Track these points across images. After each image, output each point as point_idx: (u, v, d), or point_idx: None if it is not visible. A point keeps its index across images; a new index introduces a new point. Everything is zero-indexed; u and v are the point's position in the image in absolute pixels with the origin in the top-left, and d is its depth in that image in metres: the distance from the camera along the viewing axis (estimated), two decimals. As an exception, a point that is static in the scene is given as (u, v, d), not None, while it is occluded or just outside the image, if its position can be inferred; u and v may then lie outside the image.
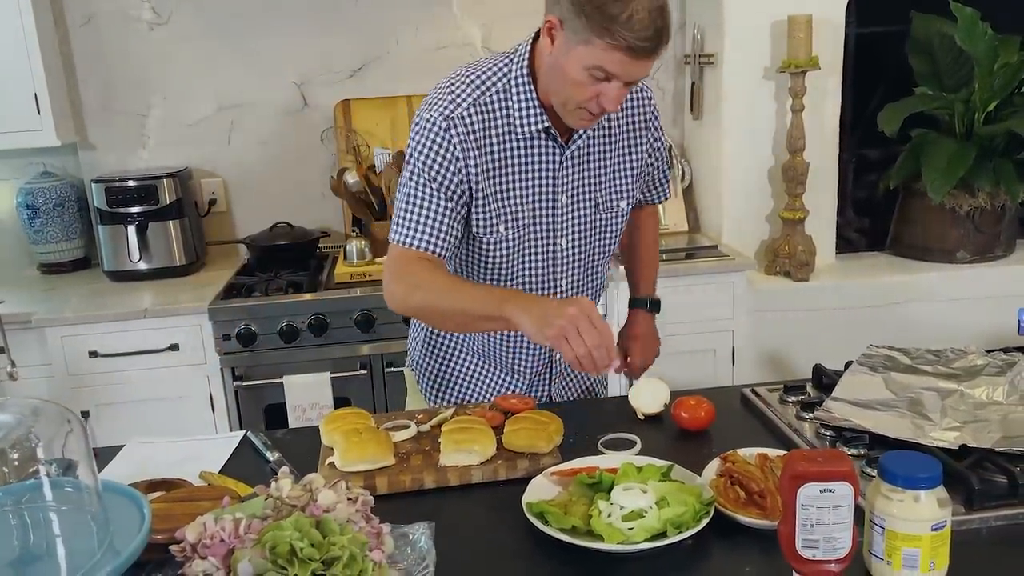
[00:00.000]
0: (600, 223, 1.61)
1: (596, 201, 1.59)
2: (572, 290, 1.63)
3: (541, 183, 1.53)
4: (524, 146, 1.51)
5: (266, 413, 2.61)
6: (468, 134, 1.46)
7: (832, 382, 1.56)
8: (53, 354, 2.51)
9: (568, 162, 1.54)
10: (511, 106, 1.48)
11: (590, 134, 1.55)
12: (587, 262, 1.64)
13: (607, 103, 1.37)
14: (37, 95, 2.70)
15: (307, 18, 2.98)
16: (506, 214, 1.53)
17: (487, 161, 1.49)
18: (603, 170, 1.58)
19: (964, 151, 2.66)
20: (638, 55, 1.30)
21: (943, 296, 2.82)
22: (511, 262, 1.57)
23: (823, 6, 2.71)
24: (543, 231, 1.57)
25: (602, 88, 1.35)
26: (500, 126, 1.48)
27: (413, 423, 1.50)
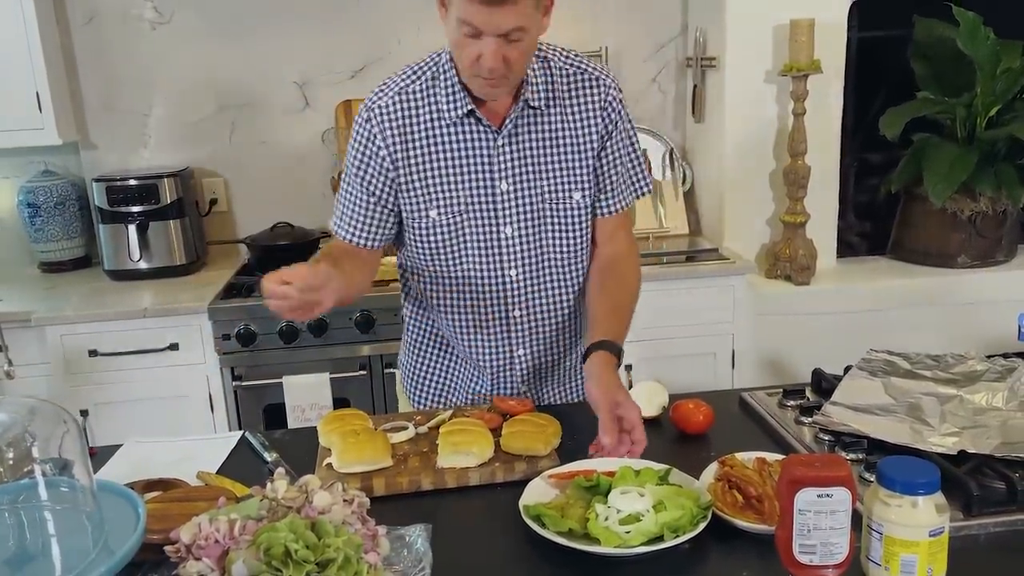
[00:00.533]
0: (550, 214, 1.57)
1: (542, 190, 1.55)
2: (522, 281, 1.60)
3: (475, 168, 1.53)
4: (453, 131, 1.52)
5: (265, 413, 2.61)
6: (389, 123, 1.50)
7: (831, 386, 1.55)
8: (53, 352, 2.51)
9: (504, 147, 1.52)
10: (438, 92, 1.51)
11: (528, 119, 1.53)
12: (538, 254, 1.59)
13: (487, 60, 1.36)
14: (39, 93, 2.71)
15: (309, 18, 2.98)
16: (437, 199, 1.54)
17: (413, 147, 1.51)
18: (549, 158, 1.55)
19: (966, 156, 2.66)
20: (489, 2, 1.31)
21: (944, 301, 2.81)
22: (451, 248, 1.57)
23: (825, 10, 2.70)
24: (483, 217, 1.55)
25: (480, 47, 1.36)
26: (426, 113, 1.51)
27: (411, 425, 1.50)
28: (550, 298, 1.63)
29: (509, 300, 1.61)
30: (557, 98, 1.54)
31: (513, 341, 1.65)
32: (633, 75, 3.14)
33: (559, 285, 1.64)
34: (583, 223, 1.60)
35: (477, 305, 1.62)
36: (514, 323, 1.63)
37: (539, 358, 1.68)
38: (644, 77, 3.15)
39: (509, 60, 1.38)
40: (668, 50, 3.14)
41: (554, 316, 1.65)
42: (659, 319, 2.67)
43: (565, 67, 1.56)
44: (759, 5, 2.74)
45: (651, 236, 3.01)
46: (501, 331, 1.64)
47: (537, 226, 1.57)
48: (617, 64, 3.12)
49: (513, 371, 1.68)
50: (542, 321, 1.65)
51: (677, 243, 3.00)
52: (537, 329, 1.65)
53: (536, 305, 1.63)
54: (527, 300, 1.62)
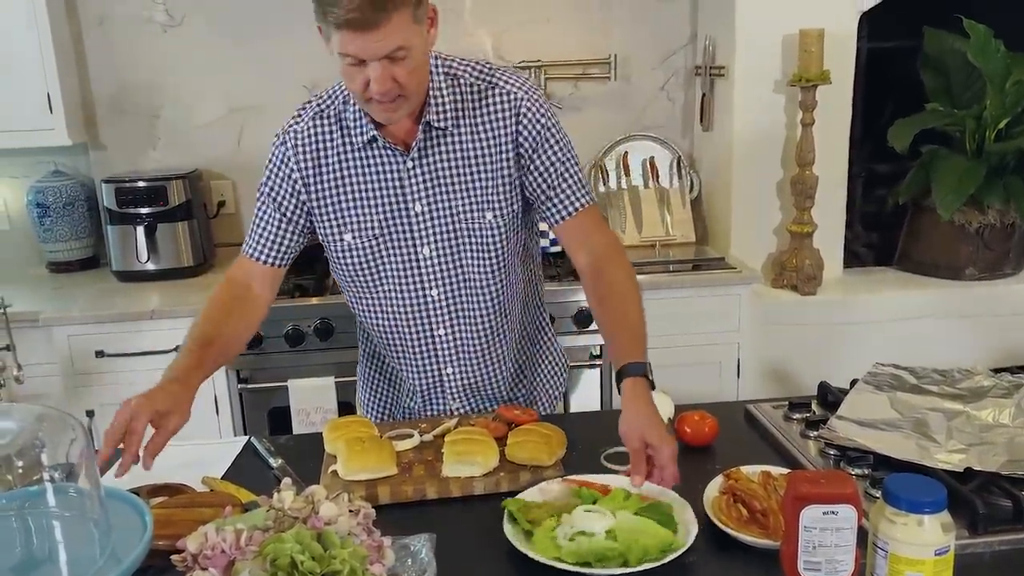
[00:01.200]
0: (466, 233, 1.55)
1: (456, 209, 1.53)
2: (444, 301, 1.59)
3: (387, 192, 1.52)
4: (363, 156, 1.51)
5: (270, 417, 2.62)
6: (301, 146, 1.52)
7: (837, 400, 1.55)
8: (60, 353, 2.52)
9: (415, 170, 1.51)
10: (347, 117, 1.51)
11: (436, 140, 1.50)
12: (457, 273, 1.58)
13: (375, 85, 1.33)
14: (50, 95, 2.72)
15: (319, 22, 2.98)
16: (350, 222, 1.54)
17: (325, 171, 1.52)
18: (460, 178, 1.52)
19: (974, 168, 2.65)
20: (358, 28, 1.28)
21: (951, 313, 2.80)
22: (369, 271, 1.57)
23: (835, 20, 2.70)
24: (400, 239, 1.55)
25: (366, 73, 1.33)
26: (338, 137, 1.52)
27: (416, 433, 1.51)
28: (473, 316, 1.62)
29: (433, 320, 1.61)
30: (465, 116, 1.50)
31: (440, 360, 1.65)
32: (642, 83, 3.15)
33: (481, 303, 1.61)
34: (497, 242, 1.56)
35: (401, 326, 1.62)
36: (440, 342, 1.63)
37: (469, 376, 1.67)
38: (653, 85, 3.15)
39: (399, 80, 1.35)
40: (677, 58, 3.14)
41: (479, 333, 1.63)
42: (664, 327, 2.66)
43: (476, 82, 1.51)
44: (768, 15, 2.74)
45: (657, 244, 3.01)
46: (427, 350, 1.64)
47: (455, 246, 1.56)
48: (626, 72, 3.12)
49: (443, 389, 1.68)
50: (467, 339, 1.63)
51: (684, 251, 3.00)
52: (463, 347, 1.64)
53: (460, 324, 1.62)
54: (450, 319, 1.61)
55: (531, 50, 3.05)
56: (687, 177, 3.13)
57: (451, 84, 1.49)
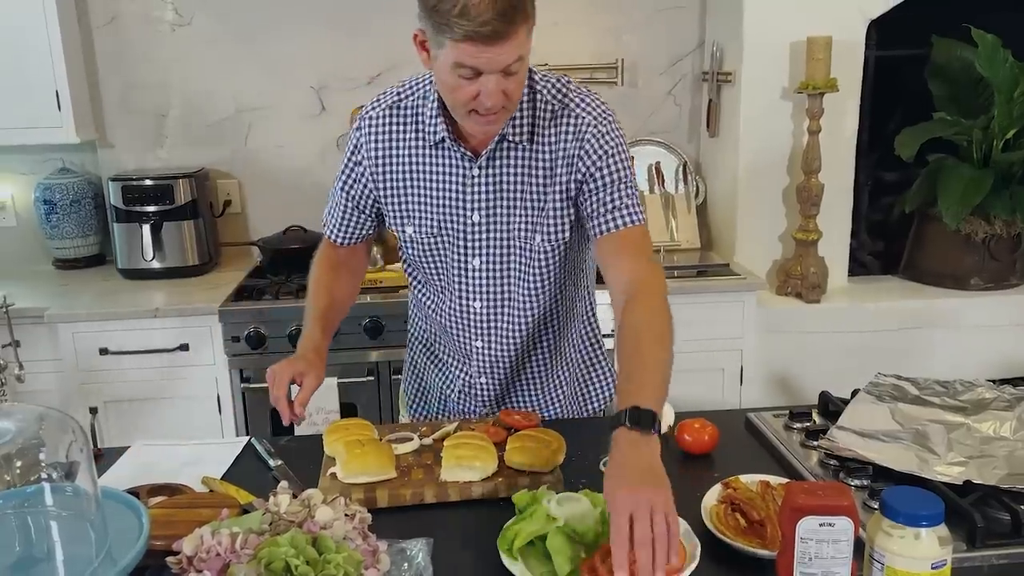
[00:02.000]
0: (515, 252, 1.53)
1: (510, 227, 1.51)
2: (485, 313, 1.59)
3: (449, 194, 1.51)
4: (434, 153, 1.50)
5: (272, 416, 2.62)
6: (376, 134, 1.52)
7: (838, 410, 1.55)
8: (64, 350, 2.53)
9: (480, 179, 1.49)
10: (424, 112, 1.49)
11: (507, 153, 1.47)
12: (501, 291, 1.57)
13: (488, 99, 1.31)
14: (58, 92, 2.73)
15: (327, 23, 2.99)
16: (412, 216, 1.55)
17: (395, 162, 1.53)
18: (519, 195, 1.49)
19: (981, 178, 2.64)
20: (487, 41, 1.25)
21: (956, 323, 2.80)
22: (426, 265, 1.60)
23: (843, 28, 2.70)
24: (454, 245, 1.54)
25: (479, 85, 1.31)
26: (411, 131, 1.51)
27: (416, 436, 1.51)
28: (510, 335, 1.62)
29: (472, 331, 1.62)
30: (537, 134, 1.47)
31: (475, 369, 1.67)
32: (649, 88, 3.14)
33: (520, 322, 1.61)
34: (543, 265, 1.55)
35: (447, 325, 1.64)
36: (476, 353, 1.64)
37: (499, 388, 1.69)
38: (660, 90, 3.15)
39: (508, 93, 1.33)
40: (684, 64, 3.14)
41: (514, 351, 1.64)
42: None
43: (551, 101, 1.48)
44: (776, 22, 2.73)
45: (662, 249, 3.01)
46: (464, 358, 1.67)
47: (503, 263, 1.55)
48: (633, 77, 3.12)
49: (475, 396, 1.70)
50: (502, 355, 1.64)
51: (688, 257, 3.00)
52: (497, 363, 1.65)
53: (497, 340, 1.63)
54: (488, 334, 1.62)
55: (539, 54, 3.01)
56: (693, 183, 3.13)
57: (530, 98, 1.47)
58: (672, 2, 3.08)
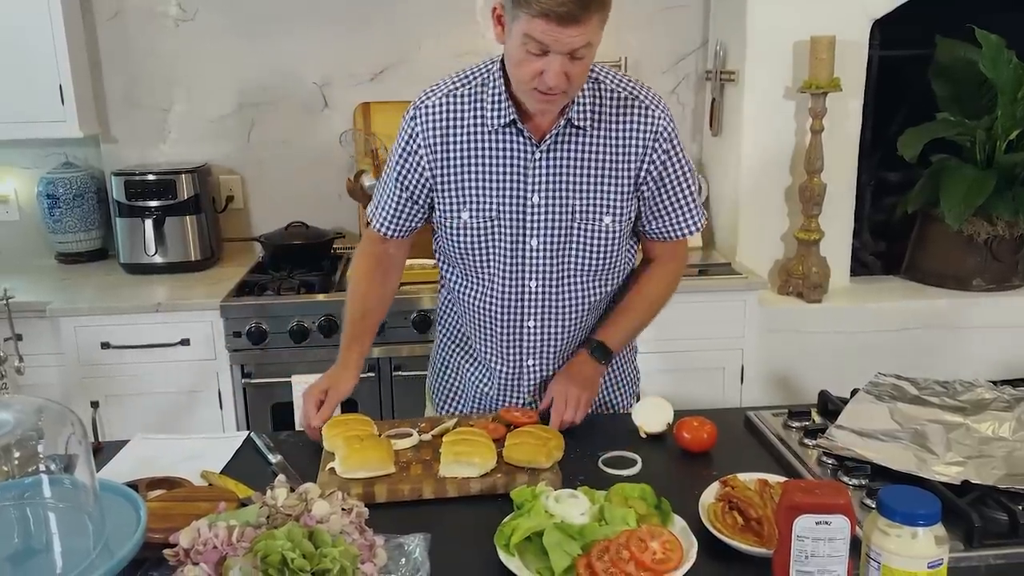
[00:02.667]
0: (577, 233, 1.57)
1: (574, 208, 1.56)
2: (540, 294, 1.61)
3: (510, 177, 1.54)
4: (494, 139, 1.53)
5: (273, 411, 2.63)
6: (432, 122, 1.55)
7: (837, 409, 1.55)
8: (66, 344, 2.53)
9: (542, 161, 1.53)
10: (484, 99, 1.53)
11: (570, 137, 1.53)
12: (559, 270, 1.60)
13: (550, 78, 1.37)
14: (62, 87, 2.74)
15: (331, 20, 3.00)
16: (470, 202, 1.57)
17: (453, 149, 1.55)
18: (585, 178, 1.55)
19: (984, 179, 2.64)
20: (560, 21, 1.31)
21: (958, 324, 2.79)
22: (478, 251, 1.60)
23: (847, 28, 2.69)
24: (512, 227, 1.57)
25: (544, 63, 1.37)
26: (471, 117, 1.54)
27: (415, 432, 1.51)
28: (565, 314, 1.64)
29: (525, 310, 1.63)
30: (603, 121, 1.53)
31: (524, 351, 1.67)
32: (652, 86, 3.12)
33: (576, 303, 1.64)
34: (608, 247, 1.60)
35: (496, 311, 1.64)
36: (528, 333, 1.65)
37: (549, 371, 1.68)
38: (663, 89, 3.14)
39: (571, 77, 1.39)
40: (688, 62, 3.14)
41: (567, 332, 1.66)
42: (669, 332, 2.66)
43: (617, 90, 1.55)
44: (780, 21, 2.73)
45: (664, 248, 3.00)
46: (514, 339, 1.66)
47: (563, 243, 1.58)
48: (636, 75, 3.09)
49: (522, 380, 1.69)
50: (555, 335, 1.65)
51: (690, 256, 2.98)
52: (549, 342, 1.66)
53: (551, 319, 1.64)
54: (543, 313, 1.63)
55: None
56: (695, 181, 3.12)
57: (593, 87, 1.53)
58: (675, 1, 3.07)
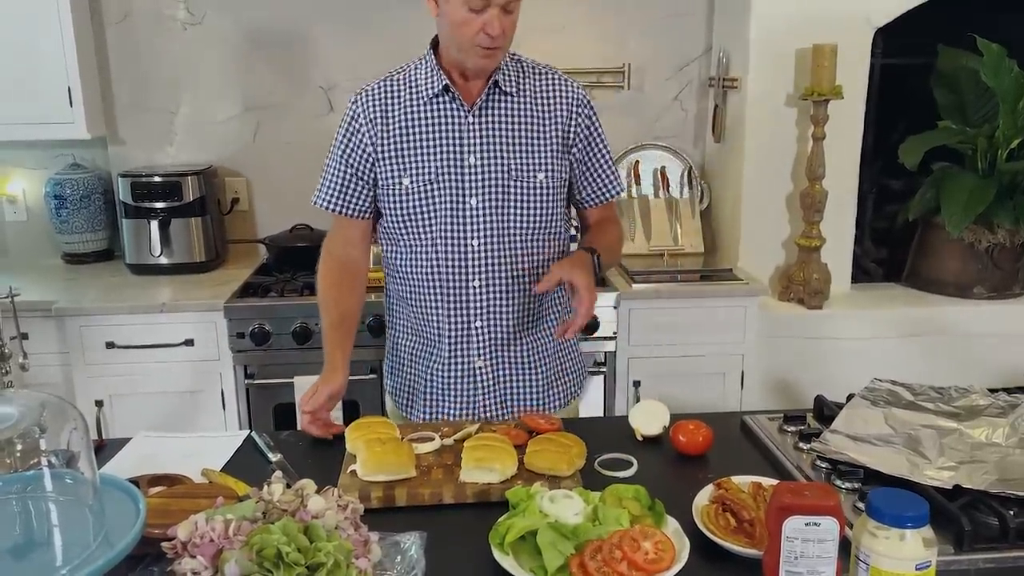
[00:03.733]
0: (514, 190, 1.70)
1: (509, 167, 1.69)
2: (483, 252, 1.71)
3: (446, 141, 1.68)
4: (428, 108, 1.69)
5: (275, 412, 2.65)
6: (370, 103, 1.71)
7: (833, 414, 1.56)
8: (71, 342, 2.56)
9: (475, 124, 1.68)
10: (418, 78, 1.71)
11: (499, 101, 1.69)
12: (499, 226, 1.70)
13: (491, 29, 1.55)
14: (71, 89, 2.77)
15: (337, 24, 3.02)
16: (409, 167, 1.69)
17: (392, 123, 1.70)
18: (516, 137, 1.70)
19: (985, 187, 2.65)
20: None
21: (958, 331, 2.80)
22: (421, 214, 1.71)
23: (849, 36, 2.71)
24: (451, 187, 1.68)
25: (484, 19, 1.55)
26: (405, 94, 1.71)
27: (437, 436, 1.52)
28: (508, 273, 1.73)
29: (470, 270, 1.72)
30: (527, 88, 1.72)
31: (472, 312, 1.75)
32: (655, 92, 3.16)
33: (517, 262, 1.74)
34: (544, 203, 1.73)
35: (442, 273, 1.73)
36: (473, 293, 1.74)
37: (496, 332, 1.76)
38: (666, 95, 3.16)
39: (505, 30, 1.58)
40: (691, 69, 3.15)
41: (511, 293, 1.75)
42: (670, 336, 2.68)
43: (536, 67, 1.77)
44: (782, 29, 2.75)
45: (666, 253, 3.02)
46: (461, 301, 1.74)
47: (501, 200, 1.70)
48: (640, 81, 3.14)
49: (470, 343, 1.77)
50: (499, 295, 1.74)
51: (692, 261, 3.01)
52: (494, 302, 1.75)
53: (495, 278, 1.73)
54: (486, 271, 1.73)
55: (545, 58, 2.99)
56: (697, 187, 3.14)
57: (516, 64, 1.74)
58: (679, 8, 3.09)
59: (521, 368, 1.81)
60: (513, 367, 1.80)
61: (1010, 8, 2.83)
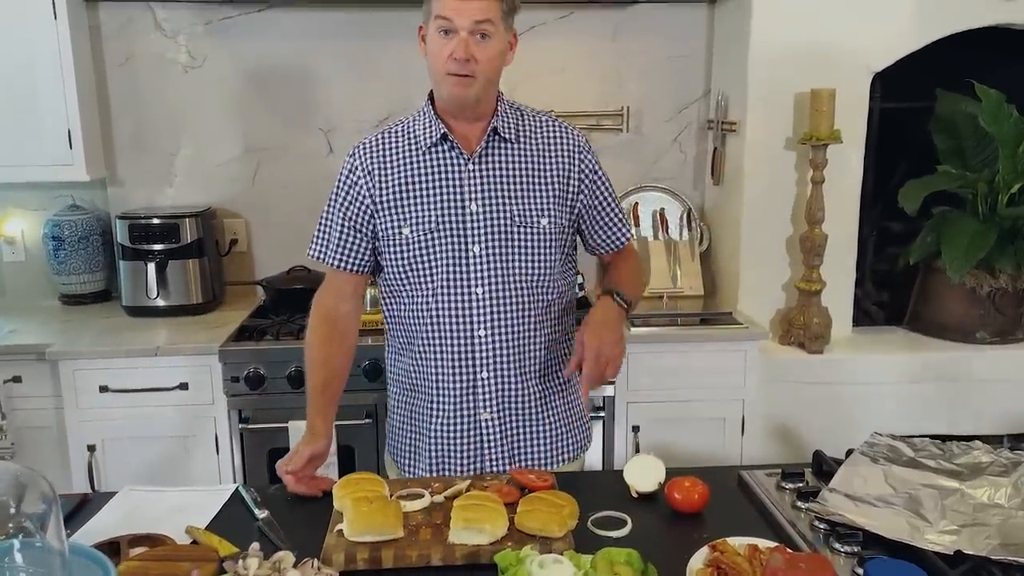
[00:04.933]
0: (517, 236, 1.68)
1: (511, 213, 1.67)
2: (487, 300, 1.68)
3: (446, 189, 1.66)
4: (427, 157, 1.68)
5: (270, 457, 2.61)
6: (368, 155, 1.70)
7: (832, 470, 1.53)
8: (64, 386, 2.53)
9: (475, 171, 1.67)
10: (416, 128, 1.71)
11: (499, 148, 1.68)
12: (503, 274, 1.68)
13: (457, 52, 1.55)
14: (70, 131, 2.77)
15: (337, 66, 3.04)
16: (409, 217, 1.67)
17: (389, 172, 1.68)
18: (517, 184, 1.68)
19: (986, 232, 2.63)
20: None
21: (961, 376, 2.76)
22: (422, 265, 1.68)
23: (848, 80, 2.71)
24: (453, 236, 1.66)
25: (452, 44, 1.55)
26: (403, 145, 1.70)
27: (427, 493, 1.49)
28: (513, 321, 1.70)
29: (475, 318, 1.69)
30: (526, 136, 1.72)
31: (477, 363, 1.71)
32: (654, 135, 3.16)
33: (522, 309, 1.70)
34: (548, 248, 1.71)
35: (445, 323, 1.69)
36: (479, 343, 1.70)
37: (503, 382, 1.72)
38: (665, 137, 3.16)
39: (478, 58, 1.56)
40: (690, 111, 3.16)
41: (516, 341, 1.71)
42: (669, 381, 2.65)
43: (536, 116, 1.76)
44: (781, 73, 2.75)
45: (665, 296, 3.00)
46: (466, 351, 1.70)
47: (504, 247, 1.68)
48: (638, 123, 3.14)
49: (477, 395, 1.72)
50: (505, 344, 1.71)
51: (691, 304, 2.99)
52: (500, 352, 1.71)
53: (500, 326, 1.70)
54: (491, 320, 1.69)
55: (544, 100, 3.05)
56: (697, 230, 3.13)
57: (516, 113, 1.74)
58: (678, 50, 3.10)
59: (529, 420, 1.76)
60: (521, 419, 1.76)
61: (1007, 52, 2.84)
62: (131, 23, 2.97)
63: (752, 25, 2.73)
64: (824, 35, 2.72)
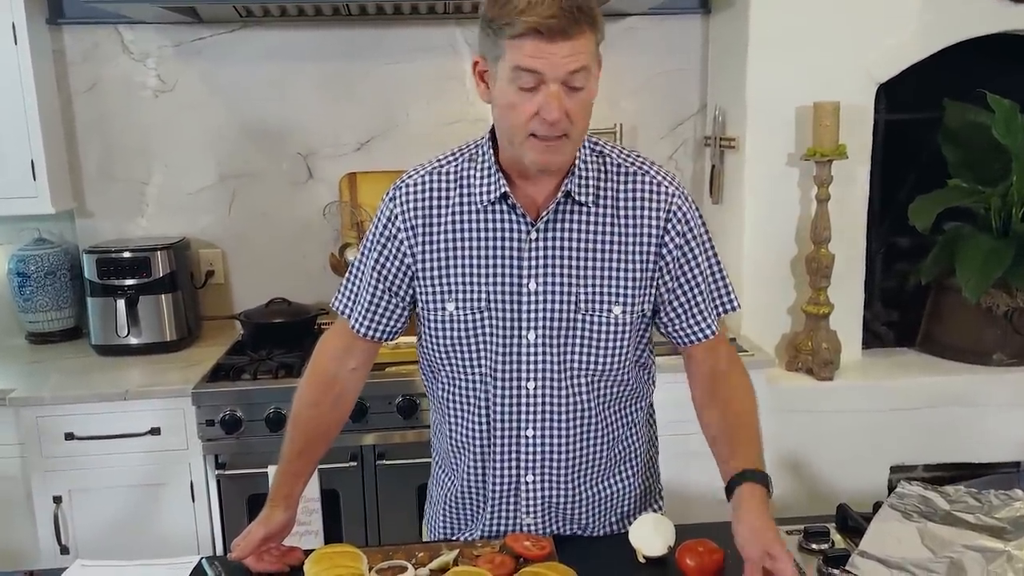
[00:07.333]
0: (583, 326, 1.39)
1: (577, 297, 1.37)
2: (540, 397, 1.41)
3: (502, 261, 1.37)
4: (483, 218, 1.37)
5: (249, 504, 2.45)
6: (414, 202, 1.40)
7: (858, 526, 1.39)
8: (28, 434, 2.37)
9: (539, 242, 1.36)
10: (472, 175, 1.39)
11: (570, 214, 1.37)
12: (561, 368, 1.40)
13: (548, 112, 1.22)
14: (34, 162, 2.62)
15: (316, 89, 2.90)
16: (456, 291, 1.39)
17: (436, 229, 1.39)
18: (589, 261, 1.37)
19: (1001, 249, 2.50)
20: (550, 36, 1.19)
21: (977, 401, 2.63)
22: (467, 348, 1.41)
23: (851, 92, 2.58)
24: (506, 318, 1.38)
25: (540, 99, 1.23)
26: (457, 195, 1.39)
27: (411, 565, 1.34)
28: (568, 422, 1.43)
29: (523, 417, 1.43)
30: (608, 196, 1.38)
31: (522, 465, 1.45)
32: (649, 152, 2.94)
33: (580, 409, 1.43)
34: (619, 339, 1.41)
35: (489, 416, 1.43)
36: (525, 444, 1.44)
37: (549, 489, 1.47)
38: (660, 155, 3.03)
39: (572, 114, 1.24)
40: (686, 128, 3.03)
41: (570, 444, 1.45)
42: (674, 413, 2.48)
43: (623, 163, 1.40)
44: (781, 86, 2.62)
45: (665, 321, 2.86)
46: (511, 452, 1.45)
47: (565, 337, 1.39)
48: (632, 141, 3.01)
49: (519, 500, 1.48)
50: (556, 447, 1.44)
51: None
52: (550, 455, 1.45)
53: (552, 427, 1.43)
54: (542, 419, 1.43)
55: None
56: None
57: (597, 159, 1.39)
58: (672, 65, 2.98)
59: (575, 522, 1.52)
60: (566, 521, 1.51)
61: (1014, 60, 2.72)
62: (97, 47, 2.82)
63: (750, 36, 2.61)
64: (826, 45, 2.59)
